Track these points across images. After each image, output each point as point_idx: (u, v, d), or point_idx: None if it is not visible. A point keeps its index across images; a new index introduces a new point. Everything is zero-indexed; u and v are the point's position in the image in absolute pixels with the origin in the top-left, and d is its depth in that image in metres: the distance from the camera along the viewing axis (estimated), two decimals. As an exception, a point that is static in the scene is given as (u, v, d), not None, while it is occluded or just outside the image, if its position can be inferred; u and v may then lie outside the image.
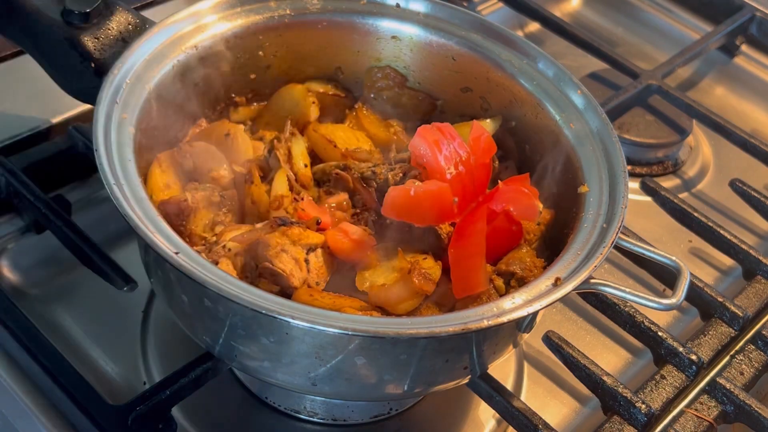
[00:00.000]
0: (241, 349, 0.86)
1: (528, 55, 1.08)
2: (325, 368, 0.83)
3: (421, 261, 0.92)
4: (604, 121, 1.01)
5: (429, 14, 1.12)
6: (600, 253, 0.86)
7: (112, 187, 0.82)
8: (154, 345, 1.05)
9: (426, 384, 0.90)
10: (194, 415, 0.99)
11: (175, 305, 0.90)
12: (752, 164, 1.41)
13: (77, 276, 1.10)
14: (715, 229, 1.24)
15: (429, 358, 0.85)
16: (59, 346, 0.95)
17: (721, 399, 1.04)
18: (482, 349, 0.89)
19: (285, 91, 1.11)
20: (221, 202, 0.96)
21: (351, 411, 1.01)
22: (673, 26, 1.73)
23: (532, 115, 1.07)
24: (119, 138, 0.89)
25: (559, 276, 0.85)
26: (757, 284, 1.19)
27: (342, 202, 0.97)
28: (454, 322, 0.79)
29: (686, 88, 1.62)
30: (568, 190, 0.99)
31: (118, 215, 0.81)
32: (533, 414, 0.97)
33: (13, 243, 1.12)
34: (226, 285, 0.77)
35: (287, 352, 0.83)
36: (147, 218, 0.82)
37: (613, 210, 0.92)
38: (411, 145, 0.97)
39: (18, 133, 1.21)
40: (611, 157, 0.98)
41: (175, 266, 0.78)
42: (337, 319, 0.77)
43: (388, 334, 0.77)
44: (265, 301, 0.77)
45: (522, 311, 0.81)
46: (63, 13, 1.02)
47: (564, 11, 1.76)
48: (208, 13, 1.05)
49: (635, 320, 1.09)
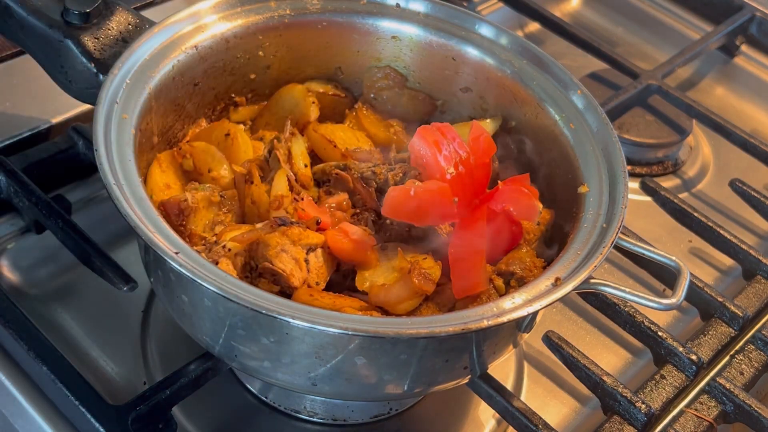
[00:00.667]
0: (241, 349, 0.86)
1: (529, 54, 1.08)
2: (325, 368, 0.83)
3: (421, 261, 0.92)
4: (604, 121, 1.01)
5: (429, 14, 1.12)
6: (600, 253, 0.86)
7: (112, 187, 0.82)
8: (154, 345, 1.05)
9: (426, 384, 0.90)
10: (194, 415, 0.99)
11: (175, 305, 0.90)
12: (752, 164, 1.41)
13: (77, 276, 1.10)
14: (715, 229, 1.24)
15: (429, 358, 0.85)
16: (59, 346, 0.95)
17: (721, 399, 1.05)
18: (482, 349, 0.89)
19: (285, 91, 1.11)
20: (221, 202, 0.96)
21: (351, 411, 1.01)
22: (673, 26, 1.73)
23: (532, 115, 1.07)
24: (119, 138, 0.89)
25: (559, 276, 0.85)
26: (757, 284, 1.19)
27: (342, 202, 0.97)
28: (454, 322, 0.79)
29: (686, 88, 1.62)
30: (568, 190, 0.99)
31: (118, 215, 0.81)
32: (533, 414, 0.97)
33: (13, 243, 1.13)
34: (226, 285, 0.77)
35: (287, 352, 0.83)
36: (147, 218, 0.82)
37: (613, 210, 0.92)
38: (411, 146, 0.97)
39: (18, 133, 1.21)
40: (611, 157, 0.98)
41: (175, 266, 0.78)
42: (337, 319, 0.77)
43: (388, 334, 0.77)
44: (265, 301, 0.77)
45: (522, 311, 0.81)
46: (63, 13, 1.02)
47: (564, 11, 1.76)
48: (208, 13, 1.05)
49: (635, 320, 1.09)
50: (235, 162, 1.01)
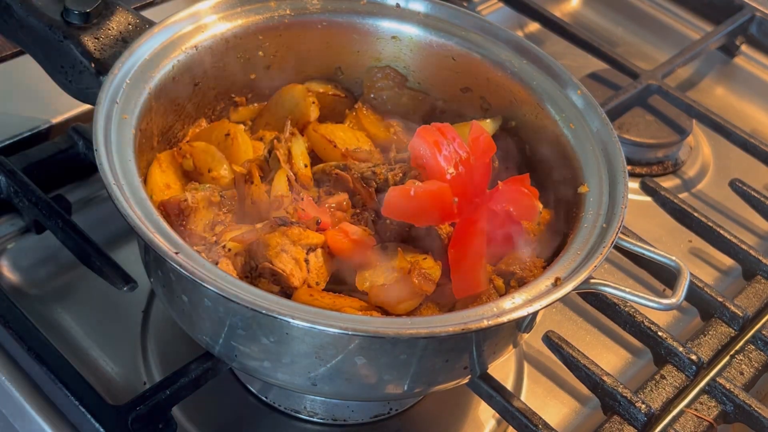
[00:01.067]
0: (241, 349, 0.86)
1: (528, 54, 1.08)
2: (325, 368, 0.84)
3: (421, 261, 0.92)
4: (604, 121, 1.01)
5: (429, 14, 1.12)
6: (600, 253, 0.87)
7: (112, 187, 0.82)
8: (154, 345, 1.05)
9: (426, 384, 0.90)
10: (194, 415, 0.99)
11: (175, 305, 0.90)
12: (752, 164, 1.41)
13: (77, 276, 1.10)
14: (715, 229, 1.24)
15: (429, 358, 0.85)
16: (59, 346, 0.95)
17: (721, 399, 1.05)
18: (482, 349, 0.89)
19: (285, 91, 1.11)
20: (221, 202, 0.96)
21: (351, 411, 1.01)
22: (673, 26, 1.73)
23: (532, 115, 1.07)
24: (119, 138, 0.89)
25: (559, 276, 0.85)
26: (757, 284, 1.19)
27: (342, 202, 0.97)
28: (454, 322, 0.79)
29: (686, 88, 1.62)
30: (568, 190, 0.99)
31: (118, 215, 0.81)
32: (533, 414, 0.97)
33: (13, 243, 1.13)
34: (226, 285, 0.77)
35: (287, 352, 0.83)
36: (147, 218, 0.82)
37: (613, 210, 0.92)
38: (411, 146, 0.97)
39: (18, 133, 1.21)
40: (611, 157, 0.98)
41: (175, 266, 0.78)
42: (337, 319, 0.77)
43: (388, 334, 0.77)
44: (265, 301, 0.77)
45: (522, 311, 0.81)
46: (63, 13, 1.02)
47: (564, 11, 1.76)
48: (208, 13, 1.05)
49: (635, 320, 1.09)
50: (235, 162, 1.01)
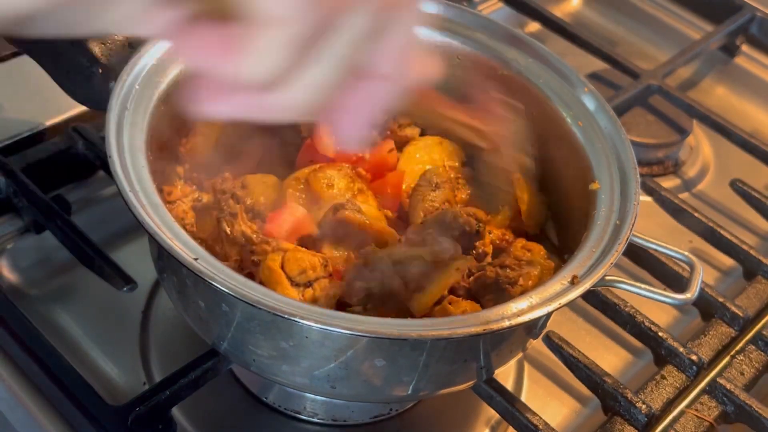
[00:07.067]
0: (259, 353, 0.85)
1: (534, 53, 1.08)
2: (344, 371, 0.83)
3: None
4: (613, 119, 1.01)
5: (431, 14, 1.12)
6: (616, 250, 0.87)
7: (128, 195, 0.81)
8: (154, 345, 1.05)
9: (438, 385, 0.90)
10: (194, 415, 0.99)
11: (191, 311, 0.89)
12: (753, 164, 1.41)
13: (77, 276, 1.10)
14: (716, 229, 1.24)
15: (446, 359, 0.85)
16: (59, 346, 0.95)
17: (722, 399, 1.04)
18: (501, 349, 0.89)
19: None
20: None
21: (351, 411, 1.01)
22: (673, 26, 1.73)
23: (540, 113, 1.06)
24: (131, 144, 0.87)
25: (576, 274, 0.85)
26: (758, 284, 1.19)
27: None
28: (474, 322, 0.78)
29: (686, 88, 1.61)
30: (578, 187, 0.98)
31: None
32: (533, 414, 0.97)
33: (12, 243, 1.12)
34: (247, 290, 0.76)
35: (307, 356, 0.83)
36: (164, 224, 0.81)
37: (625, 207, 0.92)
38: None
39: (18, 133, 1.21)
40: (621, 154, 0.98)
41: (194, 273, 0.77)
42: (360, 323, 0.77)
43: (411, 336, 0.77)
44: (288, 306, 0.76)
45: (542, 310, 0.80)
46: (66, 15, 1.02)
47: (564, 11, 1.76)
48: (211, 16, 1.04)
49: (635, 320, 1.09)
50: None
